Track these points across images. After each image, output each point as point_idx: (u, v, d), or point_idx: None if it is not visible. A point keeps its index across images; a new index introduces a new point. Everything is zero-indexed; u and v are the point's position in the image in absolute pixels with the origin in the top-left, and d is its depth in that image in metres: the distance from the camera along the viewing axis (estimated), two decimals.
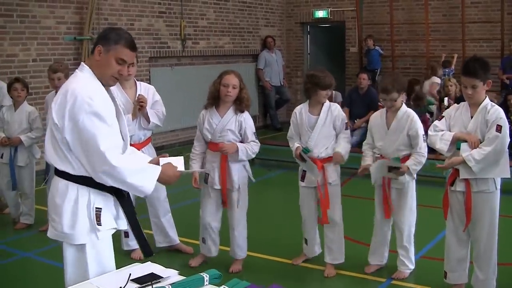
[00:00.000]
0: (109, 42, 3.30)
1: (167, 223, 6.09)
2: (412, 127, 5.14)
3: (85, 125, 3.12)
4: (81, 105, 3.13)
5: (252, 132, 5.36)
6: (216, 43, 13.49)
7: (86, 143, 3.13)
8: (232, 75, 5.33)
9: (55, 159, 3.27)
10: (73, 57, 10.36)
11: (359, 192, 7.81)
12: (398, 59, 14.15)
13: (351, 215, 6.57)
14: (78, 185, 3.24)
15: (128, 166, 3.18)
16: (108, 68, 3.30)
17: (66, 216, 3.24)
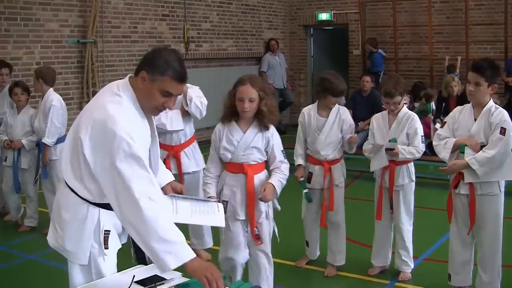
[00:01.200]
0: (156, 71, 2.95)
1: (205, 226, 6.00)
2: (411, 126, 5.22)
3: (121, 168, 2.81)
4: (120, 144, 2.81)
5: (281, 151, 4.46)
6: (220, 46, 13.50)
7: (120, 187, 2.83)
8: (247, 85, 4.24)
9: (71, 178, 3.03)
10: (76, 60, 10.38)
11: (362, 194, 7.80)
12: (402, 62, 14.14)
13: (354, 217, 6.57)
14: (89, 205, 3.04)
15: (159, 227, 2.80)
16: (151, 99, 2.98)
17: (71, 233, 3.07)
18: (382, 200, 5.36)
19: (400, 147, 5.15)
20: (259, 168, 4.44)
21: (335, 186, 5.44)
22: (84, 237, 3.06)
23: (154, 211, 2.80)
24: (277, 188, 4.35)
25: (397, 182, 5.28)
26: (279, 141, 4.47)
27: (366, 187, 6.17)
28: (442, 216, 5.23)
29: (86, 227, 3.05)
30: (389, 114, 5.34)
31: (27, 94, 7.02)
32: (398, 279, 5.39)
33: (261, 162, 4.44)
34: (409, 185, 5.31)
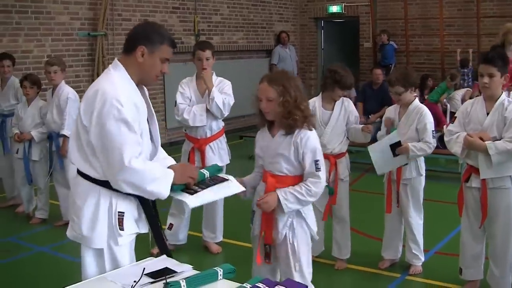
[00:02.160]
0: (154, 43, 3.21)
1: (220, 219, 6.05)
2: (421, 121, 5.13)
3: (111, 131, 3.03)
4: (110, 110, 3.03)
5: (313, 161, 3.74)
6: (230, 38, 13.48)
7: (109, 150, 3.05)
8: (264, 83, 3.78)
9: (79, 160, 3.20)
10: (87, 53, 10.40)
11: (372, 187, 7.77)
12: (413, 54, 14.08)
13: (364, 210, 6.57)
14: (100, 188, 3.16)
15: (146, 175, 3.09)
16: (152, 68, 3.25)
17: (86, 219, 3.18)
18: (391, 193, 5.33)
19: (410, 145, 5.07)
20: (286, 181, 3.77)
21: (340, 180, 5.42)
22: (98, 220, 3.16)
23: (141, 165, 3.08)
24: (282, 199, 3.70)
25: (404, 175, 5.25)
26: (313, 149, 3.72)
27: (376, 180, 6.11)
28: (453, 210, 5.20)
29: (100, 209, 3.16)
30: (400, 107, 5.31)
31: (37, 87, 7.03)
32: (409, 272, 5.37)
33: (290, 175, 3.78)
34: (417, 178, 5.26)
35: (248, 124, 13.91)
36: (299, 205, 3.73)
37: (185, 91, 5.75)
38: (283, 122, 3.73)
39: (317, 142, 3.77)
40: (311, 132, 3.75)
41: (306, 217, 3.84)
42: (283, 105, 3.67)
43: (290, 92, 3.67)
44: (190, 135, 5.77)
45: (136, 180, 3.07)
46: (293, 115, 3.67)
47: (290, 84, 3.71)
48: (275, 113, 3.73)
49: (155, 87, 11.52)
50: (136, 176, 3.06)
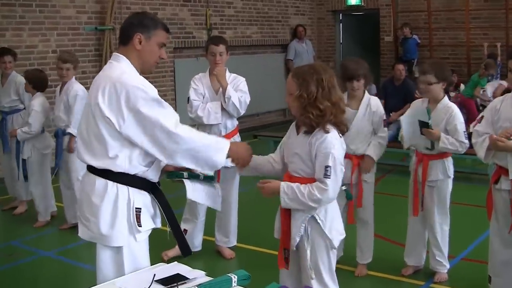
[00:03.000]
0: (149, 29, 3.37)
1: (233, 222, 6.03)
2: (450, 122, 5.04)
3: (146, 113, 3.17)
4: (136, 94, 3.17)
5: (323, 166, 3.58)
6: (244, 32, 13.47)
7: (153, 131, 3.18)
8: (289, 78, 3.71)
9: (91, 157, 3.28)
10: (94, 48, 10.42)
11: (395, 189, 7.74)
12: (437, 49, 14.00)
13: (386, 213, 6.52)
14: (117, 184, 3.26)
15: (199, 140, 3.28)
16: (152, 55, 3.40)
17: (105, 216, 3.25)
18: (418, 195, 5.27)
19: (443, 135, 5.00)
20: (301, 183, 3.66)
21: (364, 182, 5.37)
22: (117, 217, 3.25)
23: (188, 131, 3.26)
24: (282, 191, 3.64)
25: (430, 177, 5.18)
26: (326, 153, 3.56)
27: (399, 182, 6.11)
28: (481, 213, 5.14)
29: (118, 206, 3.25)
30: (429, 102, 5.22)
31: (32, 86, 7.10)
32: (434, 280, 5.31)
33: (306, 177, 3.67)
34: (445, 181, 5.19)
35: (263, 122, 13.92)
36: (298, 205, 3.63)
37: (199, 87, 5.74)
38: (300, 119, 3.69)
39: (335, 147, 3.58)
40: (331, 135, 3.59)
41: (323, 225, 3.72)
42: (298, 99, 3.60)
43: (308, 87, 3.56)
44: None
45: (190, 146, 3.22)
46: (307, 113, 3.58)
47: (313, 78, 3.57)
48: (294, 108, 3.67)
49: (166, 84, 11.53)
50: (189, 142, 3.22)
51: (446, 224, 5.28)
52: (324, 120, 3.57)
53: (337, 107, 3.62)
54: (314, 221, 3.72)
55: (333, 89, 3.60)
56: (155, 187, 3.40)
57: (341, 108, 3.65)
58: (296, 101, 3.61)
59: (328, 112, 3.57)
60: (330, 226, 3.74)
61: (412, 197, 5.33)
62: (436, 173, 5.15)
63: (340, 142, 3.65)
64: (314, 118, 3.57)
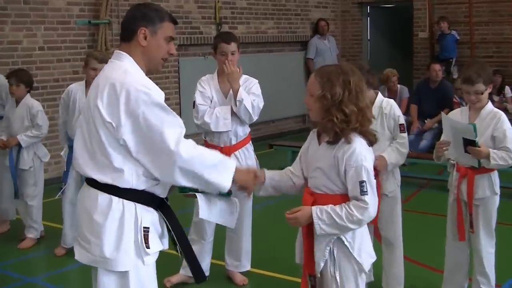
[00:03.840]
0: (154, 22, 3.40)
1: (246, 244, 6.01)
2: (498, 128, 5.00)
3: (147, 119, 3.17)
4: (138, 97, 3.18)
5: (357, 182, 3.54)
6: (258, 28, 13.47)
7: (152, 141, 3.18)
8: (311, 77, 3.70)
9: (94, 168, 3.28)
10: (87, 45, 10.43)
11: (430, 206, 7.70)
12: (478, 46, 13.94)
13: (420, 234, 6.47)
14: (123, 200, 3.26)
15: (204, 160, 3.28)
16: (159, 51, 3.44)
17: (109, 237, 3.24)
18: (463, 216, 5.20)
19: (491, 151, 4.93)
20: (325, 201, 3.62)
21: (384, 196, 5.33)
22: (124, 237, 3.24)
23: (192, 148, 3.26)
24: (316, 218, 3.56)
25: (476, 195, 5.13)
26: (358, 167, 3.53)
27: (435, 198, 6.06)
28: None
29: (125, 225, 3.25)
30: (470, 109, 5.19)
31: (25, 85, 7.06)
32: None
33: (330, 194, 3.64)
34: (491, 198, 5.14)
35: (280, 130, 13.90)
36: (336, 230, 3.58)
37: (206, 90, 5.74)
38: (321, 124, 3.66)
39: (366, 159, 3.56)
40: (359, 145, 3.56)
41: (351, 247, 3.66)
42: (320, 100, 3.56)
43: (333, 87, 3.53)
44: (211, 143, 5.75)
45: (192, 166, 3.23)
46: (330, 116, 3.53)
47: (339, 79, 3.55)
48: (315, 111, 3.63)
49: (169, 86, 11.54)
50: (191, 161, 3.22)
51: (492, 247, 5.23)
52: (348, 127, 3.53)
53: (364, 114, 3.59)
54: (340, 243, 3.67)
55: (360, 94, 3.58)
56: (163, 203, 3.41)
57: (368, 116, 3.63)
58: (317, 102, 3.58)
59: (353, 118, 3.53)
60: (359, 248, 3.69)
61: (455, 219, 5.27)
62: (483, 190, 5.09)
63: (370, 152, 3.63)
64: (338, 123, 3.52)
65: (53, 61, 9.86)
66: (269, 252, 6.54)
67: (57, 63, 9.87)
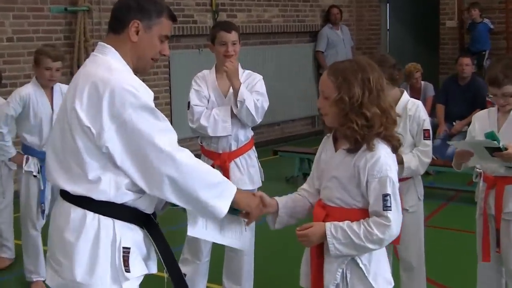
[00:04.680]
0: (150, 16, 3.36)
1: (247, 264, 5.97)
2: None
3: (135, 124, 3.14)
4: (124, 98, 3.14)
5: (381, 195, 3.49)
6: (260, 16, 13.49)
7: (140, 149, 3.15)
8: (324, 74, 3.67)
9: (67, 179, 3.24)
10: (63, 35, 10.44)
11: (458, 222, 7.71)
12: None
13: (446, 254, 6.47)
14: (99, 216, 3.21)
15: (201, 176, 3.25)
16: (150, 49, 3.43)
17: (82, 258, 3.20)
18: (489, 233, 5.22)
19: None
20: (339, 216, 3.60)
21: (404, 211, 5.32)
22: (98, 259, 3.19)
23: (190, 158, 3.24)
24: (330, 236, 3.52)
25: (507, 208, 5.14)
26: (382, 178, 3.49)
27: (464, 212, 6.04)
28: None
29: (100, 245, 3.20)
30: (498, 111, 5.20)
31: None
32: None
33: (348, 208, 3.61)
34: None
35: (286, 134, 13.91)
36: (353, 251, 3.54)
37: (202, 89, 5.72)
38: (339, 130, 3.63)
39: (392, 169, 3.53)
40: (384, 154, 3.52)
41: (367, 271, 3.61)
42: (336, 105, 3.50)
43: (350, 88, 3.48)
44: (209, 149, 5.72)
45: (185, 180, 3.18)
46: (349, 122, 3.48)
47: (357, 77, 3.50)
48: (331, 116, 3.60)
49: (158, 84, 11.53)
50: (185, 174, 3.18)
51: None
52: (372, 132, 3.49)
53: (388, 115, 3.55)
54: (355, 265, 3.63)
55: (382, 93, 3.55)
56: (149, 219, 3.37)
57: (392, 118, 3.59)
58: (334, 107, 3.53)
59: (377, 122, 3.49)
60: (375, 272, 3.66)
61: (482, 235, 5.28)
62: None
63: (394, 160, 3.61)
64: (359, 129, 3.47)
65: (24, 54, 9.85)
66: (274, 274, 6.54)
67: (28, 56, 9.81)
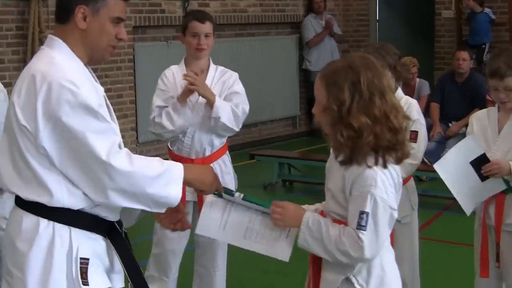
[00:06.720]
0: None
1: (220, 281, 5.97)
2: None
3: (70, 124, 3.13)
4: (61, 94, 3.13)
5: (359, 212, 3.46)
6: (236, 5, 13.52)
7: (77, 151, 3.16)
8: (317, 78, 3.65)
9: (17, 183, 3.25)
10: (15, 26, 10.40)
11: (454, 234, 7.81)
12: None
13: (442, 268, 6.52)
14: (54, 223, 3.22)
15: (144, 171, 3.25)
16: (102, 35, 3.39)
17: (34, 270, 3.21)
18: (488, 247, 5.27)
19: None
20: None
21: (396, 222, 5.35)
22: (53, 271, 3.20)
23: (127, 161, 3.22)
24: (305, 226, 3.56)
25: (509, 219, 5.18)
26: (363, 192, 3.43)
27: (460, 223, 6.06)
28: None
29: (55, 255, 3.21)
30: (499, 111, 5.25)
31: None
32: None
33: (343, 221, 3.58)
34: None
35: (264, 136, 13.93)
36: (320, 251, 3.54)
37: (168, 89, 5.64)
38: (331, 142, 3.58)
39: (377, 185, 3.44)
40: (373, 165, 3.46)
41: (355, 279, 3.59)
42: (326, 112, 3.47)
43: (340, 93, 3.42)
44: (180, 154, 5.68)
45: (129, 182, 3.20)
46: (336, 133, 3.45)
47: (347, 79, 3.43)
48: (324, 124, 3.56)
49: (122, 80, 11.53)
50: (127, 176, 3.19)
51: None
52: (360, 144, 3.43)
53: (383, 124, 3.44)
54: (349, 285, 3.64)
55: (376, 97, 3.43)
56: (113, 228, 3.39)
57: (393, 125, 3.46)
58: (323, 115, 3.51)
59: (366, 133, 3.41)
60: None
61: (480, 249, 5.33)
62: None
63: (387, 177, 3.51)
64: (345, 141, 3.43)
65: None
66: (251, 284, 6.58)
67: None
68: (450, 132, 10.79)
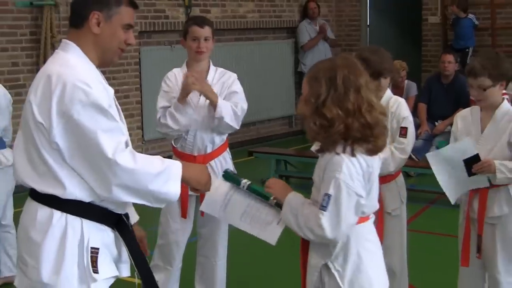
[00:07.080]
0: (109, 6, 3.40)
1: (220, 271, 6.00)
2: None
3: (81, 121, 3.20)
4: (74, 94, 3.20)
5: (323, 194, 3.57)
6: (235, 11, 13.50)
7: (86, 148, 3.22)
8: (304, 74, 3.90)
9: (33, 177, 3.31)
10: (29, 31, 10.38)
11: (440, 226, 7.78)
12: (501, 33, 13.98)
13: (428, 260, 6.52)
14: (67, 215, 3.28)
15: (146, 169, 3.30)
16: (113, 40, 3.45)
17: (48, 258, 3.25)
18: (470, 238, 5.26)
19: (497, 162, 4.99)
20: None
21: (387, 214, 5.36)
22: (65, 259, 3.25)
23: (132, 159, 3.27)
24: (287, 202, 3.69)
25: (491, 212, 5.15)
26: (329, 177, 3.53)
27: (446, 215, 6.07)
28: None
29: (67, 244, 3.26)
30: (481, 110, 5.23)
31: None
32: None
33: None
34: (511, 216, 5.20)
35: (262, 134, 13.91)
36: (295, 225, 3.62)
37: (172, 90, 5.64)
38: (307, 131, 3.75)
39: (342, 171, 3.51)
40: (340, 153, 3.53)
41: (340, 276, 3.63)
42: (306, 103, 3.61)
43: (318, 88, 3.54)
44: (183, 151, 5.66)
45: (132, 178, 3.25)
46: (310, 122, 3.59)
47: (326, 76, 3.54)
48: (304, 115, 3.70)
49: (128, 81, 11.52)
50: (131, 173, 3.24)
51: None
52: (331, 132, 3.52)
53: (355, 117, 3.51)
54: (329, 271, 3.68)
55: (351, 92, 3.52)
56: (120, 220, 3.43)
57: (365, 119, 3.53)
58: (304, 107, 3.65)
59: (337, 123, 3.50)
60: (351, 280, 3.65)
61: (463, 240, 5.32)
62: (500, 206, 5.07)
63: (354, 164, 3.55)
64: (318, 129, 3.54)
65: None
66: (249, 281, 6.56)
67: None
68: (437, 131, 10.80)
